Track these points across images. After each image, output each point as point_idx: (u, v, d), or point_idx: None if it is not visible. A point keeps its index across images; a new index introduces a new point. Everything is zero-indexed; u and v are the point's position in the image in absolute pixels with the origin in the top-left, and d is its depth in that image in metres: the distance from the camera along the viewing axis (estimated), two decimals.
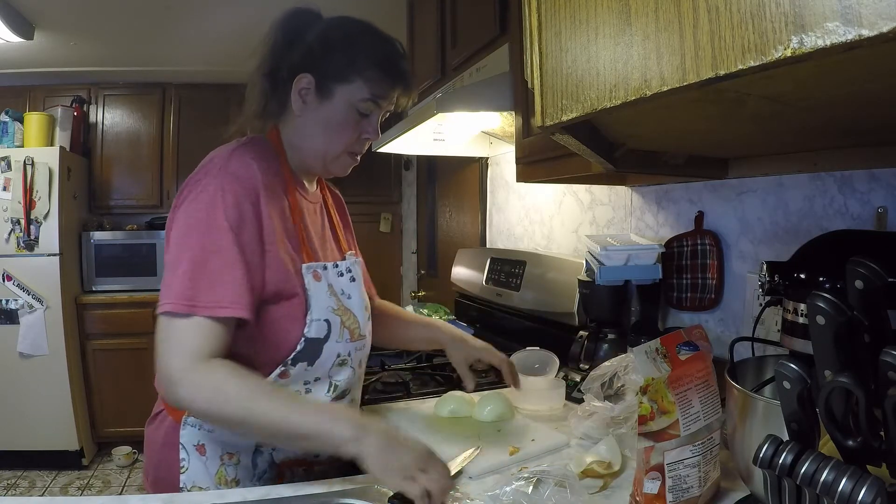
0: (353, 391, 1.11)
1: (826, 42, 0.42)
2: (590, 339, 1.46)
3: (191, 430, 1.00)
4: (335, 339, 1.02)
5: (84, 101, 3.86)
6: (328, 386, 1.04)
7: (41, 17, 2.88)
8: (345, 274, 1.08)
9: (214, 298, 0.86)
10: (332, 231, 1.18)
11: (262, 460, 1.02)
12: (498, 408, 1.24)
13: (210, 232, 0.89)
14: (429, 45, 2.16)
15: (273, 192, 0.99)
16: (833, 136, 0.96)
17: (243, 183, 0.94)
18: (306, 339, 0.99)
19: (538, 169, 1.43)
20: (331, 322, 1.01)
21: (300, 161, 1.07)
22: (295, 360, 0.99)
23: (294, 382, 1.00)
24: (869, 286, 0.57)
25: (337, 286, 1.05)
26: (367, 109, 1.02)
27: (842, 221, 1.07)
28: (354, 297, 1.08)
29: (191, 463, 1.00)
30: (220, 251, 0.89)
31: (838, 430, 0.58)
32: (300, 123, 1.03)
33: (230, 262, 0.89)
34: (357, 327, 1.07)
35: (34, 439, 3.31)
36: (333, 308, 1.02)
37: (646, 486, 0.81)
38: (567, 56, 0.75)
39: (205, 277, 0.87)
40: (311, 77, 1.00)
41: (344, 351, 1.04)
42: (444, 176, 3.36)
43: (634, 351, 0.80)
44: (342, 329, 1.03)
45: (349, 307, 1.06)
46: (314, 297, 1.00)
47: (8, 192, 3.28)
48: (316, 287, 1.01)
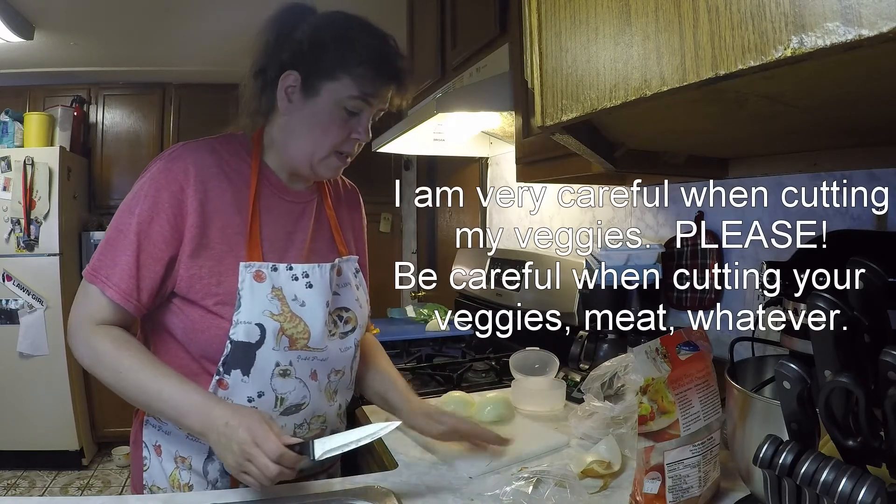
0: (314, 406, 1.01)
1: (826, 42, 0.42)
2: (590, 339, 1.46)
3: (151, 429, 1.00)
4: (271, 347, 0.94)
5: (84, 101, 3.85)
6: (275, 400, 0.96)
7: (41, 17, 2.88)
8: (300, 279, 0.99)
9: (107, 275, 0.91)
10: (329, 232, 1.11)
11: (213, 468, 0.97)
12: (498, 408, 1.24)
13: (123, 214, 0.94)
14: (429, 45, 2.16)
15: (216, 187, 0.95)
16: (833, 136, 0.96)
17: (170, 175, 0.94)
18: (232, 342, 0.93)
19: (538, 169, 1.43)
20: (264, 327, 0.94)
21: (286, 161, 1.03)
22: (227, 367, 0.94)
23: (235, 395, 0.95)
24: (869, 286, 0.57)
25: (288, 290, 0.97)
26: (355, 108, 0.98)
27: (842, 221, 1.07)
28: (310, 305, 0.98)
29: (151, 462, 0.99)
30: (123, 234, 0.92)
31: (838, 430, 0.58)
32: (286, 122, 1.00)
33: (125, 248, 0.91)
34: (304, 337, 0.97)
35: (34, 439, 3.31)
36: (272, 312, 0.95)
37: (646, 486, 0.81)
38: (567, 56, 0.75)
39: (108, 254, 0.92)
40: (297, 74, 0.97)
41: (283, 360, 0.96)
42: (444, 176, 3.36)
43: (634, 351, 0.80)
44: (279, 336, 0.95)
45: (298, 314, 0.97)
46: (246, 298, 0.94)
47: (8, 192, 3.28)
48: (254, 288, 0.94)
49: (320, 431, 1.03)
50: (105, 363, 0.89)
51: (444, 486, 0.96)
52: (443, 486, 0.96)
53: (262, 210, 1.01)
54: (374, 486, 0.93)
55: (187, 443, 0.97)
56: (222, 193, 0.96)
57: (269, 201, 1.02)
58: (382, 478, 1.00)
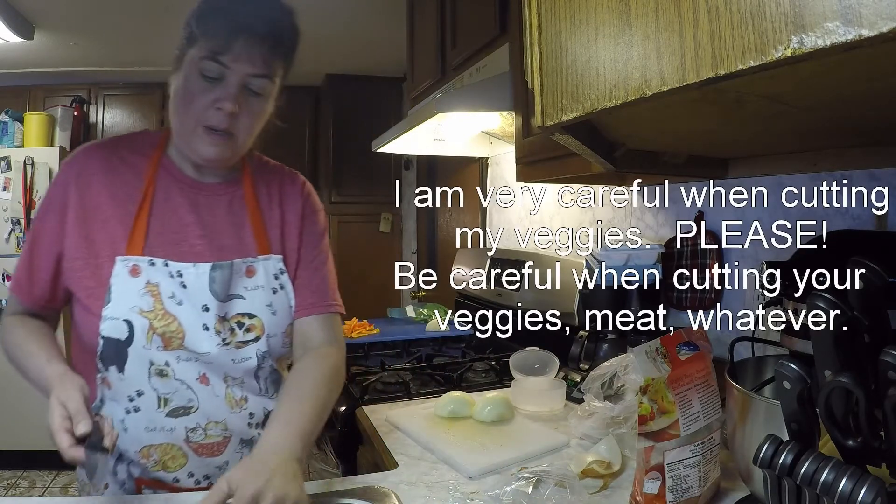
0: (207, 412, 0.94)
1: (826, 42, 0.42)
2: (590, 339, 1.46)
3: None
4: (141, 344, 0.90)
5: (84, 101, 3.86)
6: (157, 400, 0.92)
7: (41, 17, 2.88)
8: (175, 277, 0.93)
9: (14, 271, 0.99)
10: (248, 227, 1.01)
11: (122, 469, 0.94)
12: (498, 408, 1.24)
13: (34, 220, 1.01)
14: (429, 45, 2.16)
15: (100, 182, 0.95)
16: (833, 136, 0.96)
17: (60, 176, 0.98)
18: (103, 338, 0.91)
19: (538, 169, 1.43)
20: (133, 323, 0.90)
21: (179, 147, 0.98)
22: (104, 363, 0.92)
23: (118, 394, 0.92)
24: (869, 286, 0.57)
25: (165, 287, 0.93)
26: (211, 72, 0.88)
27: (842, 221, 1.07)
28: (186, 305, 0.93)
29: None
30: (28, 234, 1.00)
31: (838, 430, 0.58)
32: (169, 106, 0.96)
33: (26, 246, 0.99)
34: (179, 337, 0.92)
35: (34, 439, 3.30)
36: (142, 309, 0.91)
37: (646, 486, 0.81)
38: (567, 56, 0.75)
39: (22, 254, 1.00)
40: (176, 52, 0.93)
41: (159, 359, 0.91)
42: (444, 176, 3.36)
43: (634, 351, 0.80)
44: (150, 333, 0.90)
45: (173, 312, 0.92)
46: (116, 293, 0.91)
47: (8, 192, 3.28)
48: (125, 282, 0.91)
49: (222, 439, 0.96)
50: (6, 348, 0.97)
51: (444, 486, 0.96)
52: (443, 486, 0.96)
53: (156, 202, 0.96)
54: (374, 486, 0.93)
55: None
56: (107, 187, 0.96)
57: (167, 193, 0.97)
58: (382, 478, 1.00)
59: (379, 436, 1.19)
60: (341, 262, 4.36)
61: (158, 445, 0.93)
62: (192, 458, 0.94)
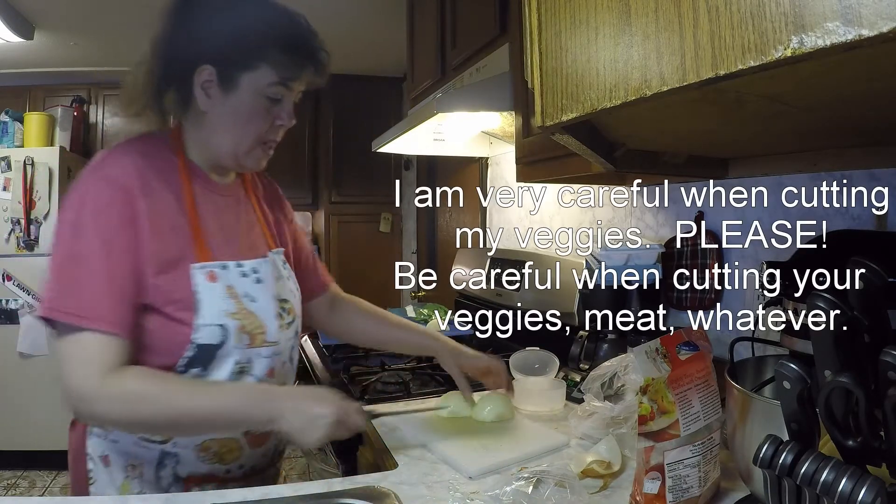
0: None
1: (826, 42, 0.42)
2: (590, 339, 1.46)
3: (96, 439, 0.96)
4: (232, 345, 0.94)
5: (84, 101, 3.86)
6: None
7: (41, 17, 2.89)
8: (249, 275, 0.98)
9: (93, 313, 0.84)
10: (257, 226, 1.09)
11: (166, 473, 0.95)
12: (498, 408, 1.24)
13: (72, 240, 0.86)
14: (429, 45, 2.16)
15: (158, 189, 0.92)
16: (833, 136, 0.96)
17: (113, 184, 0.88)
18: (198, 346, 0.91)
19: (538, 169, 1.43)
20: (226, 327, 0.93)
21: (210, 156, 0.99)
22: (187, 367, 0.92)
23: None
24: (869, 286, 0.57)
25: (240, 288, 0.96)
26: (276, 94, 0.95)
27: (842, 221, 1.07)
28: (261, 301, 0.98)
29: (97, 475, 0.96)
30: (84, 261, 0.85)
31: (838, 430, 0.58)
32: (207, 119, 0.96)
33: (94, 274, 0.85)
34: (262, 332, 0.97)
35: (34, 439, 3.30)
36: (230, 312, 0.94)
37: (646, 486, 0.81)
38: (567, 56, 0.75)
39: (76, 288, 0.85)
40: (211, 68, 0.92)
41: (242, 358, 0.95)
42: (444, 176, 3.36)
43: (634, 351, 0.80)
44: (240, 334, 0.94)
45: (253, 311, 0.97)
46: (205, 301, 0.92)
47: (8, 192, 3.28)
48: (208, 289, 0.93)
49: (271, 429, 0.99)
50: (149, 399, 0.85)
51: (444, 486, 0.96)
52: (443, 486, 0.96)
53: (198, 206, 0.97)
54: (374, 486, 0.93)
55: (136, 451, 0.95)
56: (164, 195, 0.93)
57: (203, 198, 0.99)
58: (382, 478, 1.00)
59: (379, 436, 1.18)
60: (341, 262, 4.40)
61: (220, 439, 0.96)
62: (246, 449, 1.00)
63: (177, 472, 0.95)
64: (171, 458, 0.95)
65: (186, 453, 0.95)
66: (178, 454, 0.95)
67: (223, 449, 0.97)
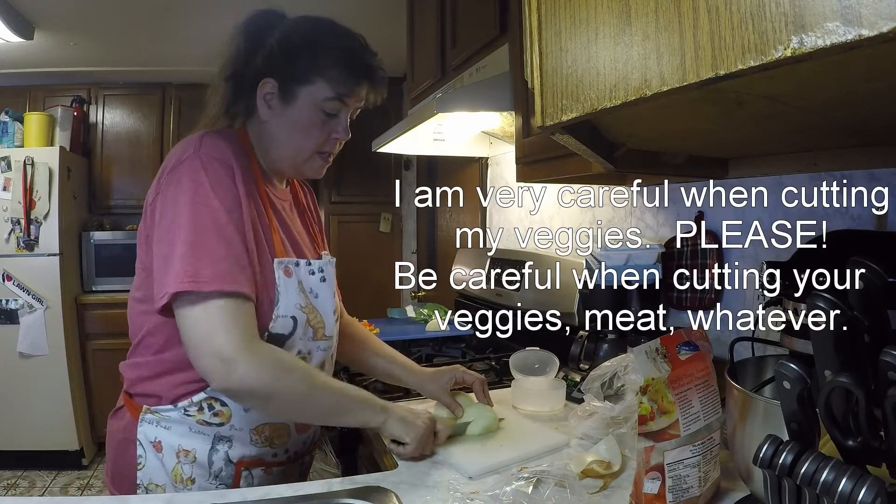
0: None
1: (826, 42, 0.42)
2: (590, 339, 1.46)
3: (148, 426, 0.99)
4: (299, 336, 1.01)
5: (84, 101, 3.85)
6: None
7: (41, 17, 2.88)
8: (316, 273, 1.07)
9: (235, 279, 0.89)
10: (306, 229, 1.16)
11: (218, 458, 1.00)
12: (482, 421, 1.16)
13: (203, 209, 0.90)
14: (429, 45, 2.16)
15: (245, 179, 0.98)
16: (833, 136, 0.96)
17: (222, 162, 0.94)
18: (270, 335, 0.97)
19: (538, 169, 1.43)
20: (297, 319, 1.00)
21: (270, 163, 1.07)
22: None
23: None
24: (869, 286, 0.57)
25: (307, 284, 1.04)
26: (333, 109, 1.01)
27: (842, 221, 1.07)
28: (322, 297, 1.06)
29: (147, 460, 0.99)
30: (218, 230, 0.90)
31: (838, 430, 0.58)
32: (267, 129, 1.03)
33: (227, 243, 0.90)
34: (322, 327, 1.05)
35: (34, 439, 3.31)
36: (301, 305, 1.01)
37: (646, 486, 0.81)
38: (567, 56, 0.75)
39: (216, 257, 0.88)
40: (273, 81, 1.00)
41: (305, 349, 1.03)
42: (444, 176, 3.36)
43: (634, 351, 0.80)
44: (307, 327, 1.02)
45: (316, 306, 1.05)
46: (283, 293, 0.99)
47: (8, 192, 3.28)
48: (286, 283, 1.00)
49: None
50: (296, 371, 0.93)
51: (444, 486, 0.96)
52: (443, 486, 0.96)
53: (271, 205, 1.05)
54: (374, 486, 0.93)
55: (190, 435, 0.98)
56: (249, 186, 0.99)
57: (272, 198, 1.06)
58: (382, 478, 1.00)
59: (379, 436, 1.18)
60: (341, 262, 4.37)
61: (273, 424, 1.02)
62: (294, 434, 1.06)
63: (229, 455, 1.00)
64: (225, 442, 0.99)
65: (242, 435, 1.00)
66: (233, 437, 0.99)
67: (275, 433, 1.03)
